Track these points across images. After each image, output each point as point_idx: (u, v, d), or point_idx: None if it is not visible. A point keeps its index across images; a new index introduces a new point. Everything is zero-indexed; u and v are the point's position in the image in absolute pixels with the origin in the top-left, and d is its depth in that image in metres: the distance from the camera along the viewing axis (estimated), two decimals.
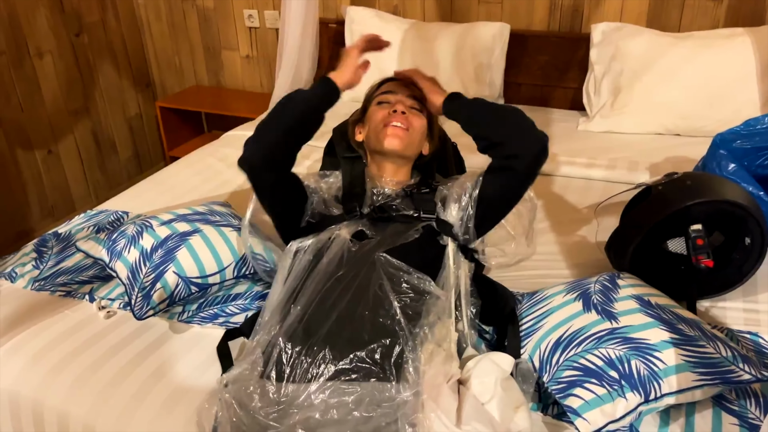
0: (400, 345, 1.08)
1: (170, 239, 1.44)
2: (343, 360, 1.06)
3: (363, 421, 0.99)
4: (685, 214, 1.34)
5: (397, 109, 1.42)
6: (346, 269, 1.21)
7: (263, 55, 3.31)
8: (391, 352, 1.07)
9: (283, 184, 1.37)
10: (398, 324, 1.10)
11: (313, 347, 1.08)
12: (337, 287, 1.18)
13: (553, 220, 1.81)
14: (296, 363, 1.07)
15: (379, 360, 1.06)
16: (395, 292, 1.15)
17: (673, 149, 2.19)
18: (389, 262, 1.21)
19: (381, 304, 1.13)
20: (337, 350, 1.07)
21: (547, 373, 1.13)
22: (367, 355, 1.06)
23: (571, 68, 2.65)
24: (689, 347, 1.08)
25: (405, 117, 1.42)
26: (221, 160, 2.31)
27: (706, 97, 2.24)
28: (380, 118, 1.43)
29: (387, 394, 1.02)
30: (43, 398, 1.27)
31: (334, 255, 1.25)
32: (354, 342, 1.08)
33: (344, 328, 1.11)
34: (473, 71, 2.62)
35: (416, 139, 1.44)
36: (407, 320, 1.11)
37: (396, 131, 1.40)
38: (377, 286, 1.17)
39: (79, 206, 3.18)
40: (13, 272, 1.60)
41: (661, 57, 2.30)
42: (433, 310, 1.14)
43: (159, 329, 1.39)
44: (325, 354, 1.06)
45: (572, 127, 2.48)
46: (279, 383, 1.06)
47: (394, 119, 1.41)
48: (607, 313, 1.17)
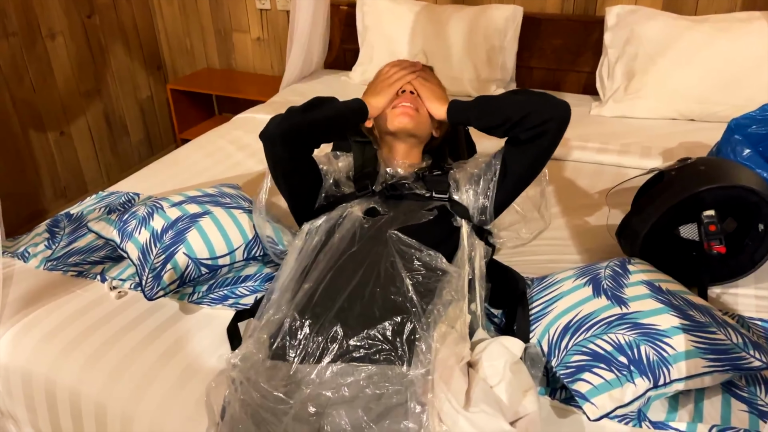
0: (412, 323, 1.08)
1: (181, 221, 1.45)
2: (354, 337, 1.06)
3: (374, 399, 0.99)
4: (698, 200, 1.33)
5: (405, 89, 1.42)
6: (358, 246, 1.22)
7: (274, 37, 3.29)
8: (402, 330, 1.07)
9: (299, 165, 1.37)
10: (410, 301, 1.10)
11: (324, 324, 1.08)
12: (349, 264, 1.19)
13: (564, 205, 1.80)
14: (306, 340, 1.07)
15: (390, 337, 1.06)
16: (407, 270, 1.15)
17: (687, 134, 2.17)
18: (401, 240, 1.21)
19: (392, 281, 1.14)
20: (348, 327, 1.07)
21: (556, 358, 1.13)
22: (379, 332, 1.07)
23: (585, 52, 2.62)
24: (700, 333, 1.07)
25: (413, 97, 1.42)
26: (232, 142, 2.31)
27: (722, 81, 2.21)
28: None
29: (398, 372, 1.02)
30: (55, 377, 1.29)
31: (346, 232, 1.26)
32: (365, 319, 1.08)
33: (355, 305, 1.11)
34: (485, 54, 2.59)
35: (426, 119, 1.44)
36: (420, 298, 1.11)
37: (405, 110, 1.40)
38: (389, 263, 1.17)
39: (91, 187, 3.20)
40: (26, 252, 1.62)
41: (676, 41, 2.27)
42: (447, 288, 1.14)
43: (169, 310, 1.41)
44: (336, 331, 1.07)
45: (584, 112, 2.45)
46: (289, 361, 1.07)
47: (402, 99, 1.41)
48: (617, 298, 1.16)
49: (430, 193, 1.39)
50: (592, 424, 1.05)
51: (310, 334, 1.08)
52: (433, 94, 1.42)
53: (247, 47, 3.40)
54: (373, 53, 2.80)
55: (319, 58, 3.00)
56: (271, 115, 1.34)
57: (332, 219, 1.31)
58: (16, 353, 1.34)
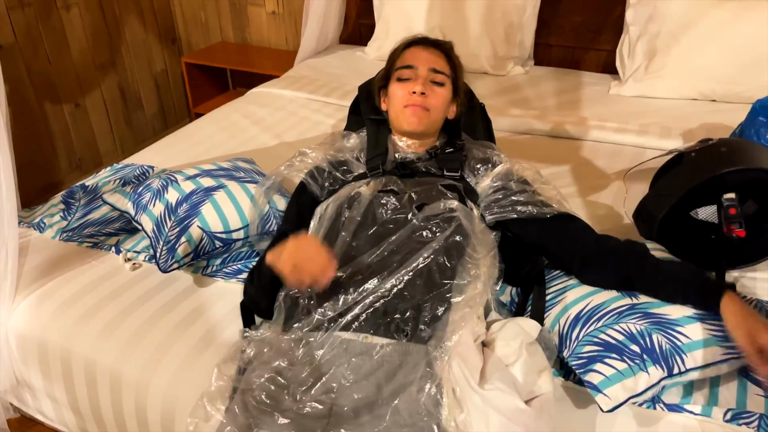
0: (432, 299, 1.07)
1: (195, 194, 1.45)
2: (373, 312, 1.06)
3: (390, 374, 1.00)
4: (719, 182, 1.30)
5: (416, 90, 1.37)
6: (378, 224, 1.21)
7: (289, 11, 3.26)
8: (421, 306, 1.07)
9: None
10: (429, 279, 1.10)
11: (342, 299, 1.08)
12: (369, 240, 1.18)
13: (580, 185, 1.78)
14: (324, 314, 1.08)
15: (409, 314, 1.06)
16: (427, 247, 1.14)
17: (707, 115, 2.12)
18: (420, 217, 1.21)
19: (412, 259, 1.13)
20: (368, 302, 1.07)
21: (567, 348, 1.12)
22: (398, 307, 1.07)
23: (605, 30, 2.56)
24: (715, 321, 1.06)
25: (424, 98, 1.38)
26: (246, 116, 2.30)
27: (746, 62, 2.16)
28: (399, 99, 1.40)
29: (415, 348, 1.02)
30: (71, 346, 1.30)
31: (364, 209, 1.25)
32: (384, 294, 1.08)
33: (374, 282, 1.10)
34: (503, 31, 2.55)
35: (438, 117, 1.42)
36: (440, 276, 1.11)
37: (416, 111, 1.37)
38: (408, 239, 1.17)
39: (106, 160, 3.21)
40: (41, 222, 1.63)
41: (700, 19, 2.21)
42: (466, 269, 1.13)
43: (183, 282, 1.41)
44: (354, 306, 1.07)
45: (603, 91, 2.41)
46: (304, 333, 1.07)
47: (413, 100, 1.38)
48: None
49: (441, 171, 1.37)
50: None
51: (327, 308, 1.08)
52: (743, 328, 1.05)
53: (262, 21, 3.37)
54: (389, 28, 2.76)
55: (334, 33, 2.97)
56: (285, 90, 1.33)
57: (341, 197, 1.30)
58: (32, 322, 1.35)
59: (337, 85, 2.49)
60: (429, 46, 1.46)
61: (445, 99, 1.42)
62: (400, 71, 1.42)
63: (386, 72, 1.48)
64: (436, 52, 1.44)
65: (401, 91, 1.40)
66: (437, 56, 1.43)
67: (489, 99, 1.52)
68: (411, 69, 1.41)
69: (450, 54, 1.47)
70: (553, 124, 2.10)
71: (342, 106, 2.15)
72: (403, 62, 1.43)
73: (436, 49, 1.45)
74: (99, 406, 1.31)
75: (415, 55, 1.43)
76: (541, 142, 2.07)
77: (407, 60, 1.42)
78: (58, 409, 1.42)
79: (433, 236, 1.17)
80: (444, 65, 1.43)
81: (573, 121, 2.12)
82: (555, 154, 1.97)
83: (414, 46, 1.46)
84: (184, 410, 1.12)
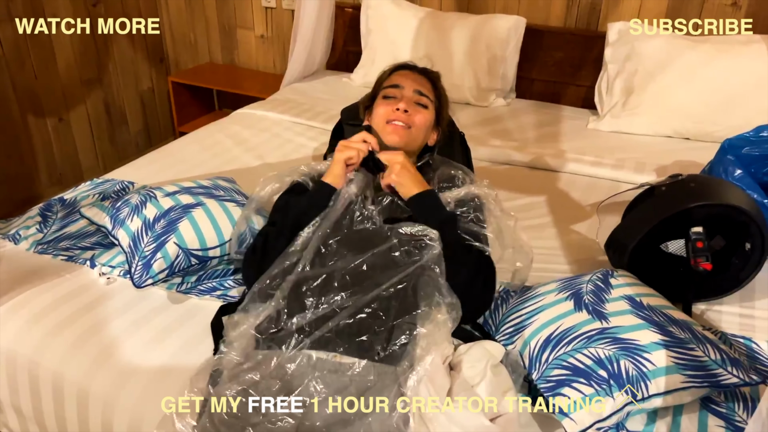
0: (404, 323, 1.08)
1: (173, 210, 1.45)
2: (342, 330, 1.07)
3: (359, 393, 1.00)
4: (687, 216, 1.34)
5: (399, 107, 1.41)
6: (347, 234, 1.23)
7: (278, 35, 3.31)
8: (395, 329, 1.08)
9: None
10: (400, 297, 1.11)
11: (312, 310, 1.09)
12: (342, 246, 1.20)
13: (555, 216, 1.81)
14: (294, 330, 1.08)
15: (382, 336, 1.07)
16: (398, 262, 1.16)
17: (681, 153, 2.18)
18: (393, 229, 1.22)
19: (384, 274, 1.14)
20: (340, 319, 1.08)
21: (537, 371, 1.13)
22: (371, 329, 1.08)
23: (585, 66, 2.64)
24: (679, 349, 1.08)
25: (408, 115, 1.41)
26: (230, 137, 2.31)
27: (719, 102, 2.23)
28: (382, 115, 1.43)
29: (384, 368, 1.03)
30: (39, 359, 1.29)
31: (343, 209, 1.26)
32: (354, 312, 1.09)
33: (348, 296, 1.12)
34: (486, 63, 2.61)
35: (419, 136, 1.45)
36: (414, 300, 1.12)
37: (396, 129, 1.41)
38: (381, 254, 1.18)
39: (88, 176, 3.20)
40: (17, 234, 1.62)
41: (676, 59, 2.29)
42: (434, 292, 1.13)
43: (157, 299, 1.41)
44: (325, 323, 1.08)
45: (582, 125, 2.47)
46: (274, 350, 1.07)
47: (395, 117, 1.41)
48: (598, 313, 1.17)
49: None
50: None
51: (297, 324, 1.09)
52: (408, 178, 1.31)
53: (250, 44, 3.41)
54: (376, 56, 2.82)
55: (321, 58, 3.01)
56: (270, 112, 1.35)
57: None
58: (1, 334, 1.34)
59: (321, 110, 2.53)
60: (417, 72, 1.50)
61: (427, 120, 1.45)
62: (386, 90, 1.46)
63: (373, 93, 1.52)
64: (424, 78, 1.48)
65: (385, 108, 1.43)
66: (424, 81, 1.47)
67: (471, 129, 1.55)
68: (397, 88, 1.45)
69: (436, 83, 1.51)
70: (532, 155, 2.15)
71: (325, 130, 2.18)
72: (389, 83, 1.47)
73: (424, 77, 1.49)
74: (65, 421, 1.29)
75: (403, 77, 1.48)
76: (520, 172, 2.11)
77: (394, 80, 1.47)
78: (24, 422, 1.39)
79: (409, 258, 1.18)
80: (429, 91, 1.47)
81: (551, 153, 2.17)
82: (533, 185, 2.01)
83: (402, 70, 1.51)
84: (151, 426, 1.11)
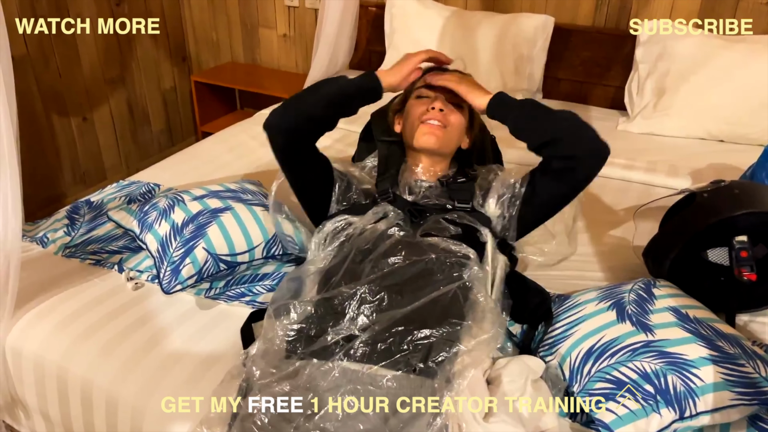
0: (441, 333, 1.05)
1: (201, 215, 1.43)
2: (379, 342, 1.04)
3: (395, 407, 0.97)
4: (730, 225, 1.30)
5: (435, 106, 1.38)
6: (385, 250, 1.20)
7: (301, 35, 3.28)
8: (433, 345, 1.05)
9: (303, 155, 1.35)
10: (440, 311, 1.08)
11: (349, 322, 1.07)
12: (375, 264, 1.17)
13: (588, 221, 1.77)
14: (327, 341, 1.06)
15: (420, 351, 1.04)
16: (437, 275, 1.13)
17: (715, 155, 2.13)
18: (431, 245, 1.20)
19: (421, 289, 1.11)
20: (373, 331, 1.05)
21: (578, 383, 1.10)
22: (405, 339, 1.05)
23: (614, 66, 2.58)
24: (728, 365, 1.04)
25: (443, 114, 1.38)
26: (254, 138, 2.30)
27: (754, 103, 2.17)
28: (417, 114, 1.40)
29: (421, 381, 1.00)
30: (68, 365, 1.28)
31: (374, 239, 1.23)
32: (391, 324, 1.06)
33: (381, 310, 1.09)
34: (513, 63, 2.57)
35: (454, 137, 1.41)
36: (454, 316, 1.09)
37: (432, 129, 1.37)
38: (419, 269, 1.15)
39: (110, 174, 3.21)
40: (44, 237, 1.61)
41: (710, 60, 2.23)
42: (477, 307, 1.11)
43: (185, 304, 1.39)
44: (359, 334, 1.05)
45: (611, 127, 2.42)
46: (307, 360, 1.05)
47: (430, 116, 1.37)
48: (642, 324, 1.13)
49: (452, 203, 1.36)
50: None
51: (331, 336, 1.06)
52: (472, 85, 1.39)
53: (272, 43, 3.39)
54: (400, 56, 2.76)
55: (344, 58, 2.99)
56: None
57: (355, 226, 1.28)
58: (29, 339, 1.33)
59: None
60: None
61: (462, 121, 1.42)
62: (420, 90, 1.43)
63: (404, 97, 1.49)
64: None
65: (419, 107, 1.40)
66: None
67: (499, 131, 1.51)
68: (431, 89, 1.41)
69: None
70: None
71: (349, 131, 2.15)
72: (422, 83, 1.43)
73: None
74: (93, 427, 1.28)
75: (436, 79, 1.44)
76: None
77: (427, 81, 1.43)
78: (51, 428, 1.39)
79: (450, 274, 1.15)
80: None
81: None
82: None
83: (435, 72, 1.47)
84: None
